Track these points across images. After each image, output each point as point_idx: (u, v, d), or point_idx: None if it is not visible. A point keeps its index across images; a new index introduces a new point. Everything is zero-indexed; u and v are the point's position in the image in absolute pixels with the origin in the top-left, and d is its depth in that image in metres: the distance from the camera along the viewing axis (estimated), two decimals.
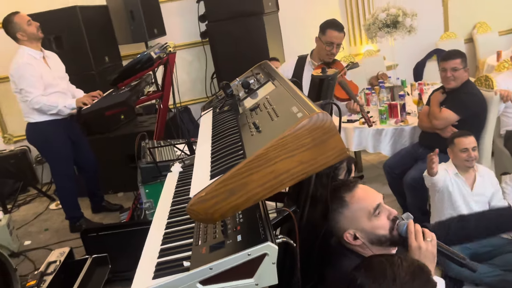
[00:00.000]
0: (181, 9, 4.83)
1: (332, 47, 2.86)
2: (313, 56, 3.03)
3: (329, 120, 0.94)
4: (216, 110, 1.61)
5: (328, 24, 2.89)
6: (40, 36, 3.31)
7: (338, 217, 1.40)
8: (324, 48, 2.88)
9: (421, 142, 3.21)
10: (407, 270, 1.14)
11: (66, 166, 3.48)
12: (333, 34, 2.84)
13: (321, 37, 2.91)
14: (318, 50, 2.98)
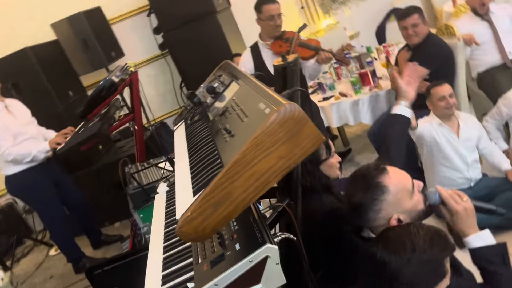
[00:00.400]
0: (134, 26, 4.74)
1: (274, 19, 2.86)
2: (263, 38, 3.02)
3: (298, 110, 0.91)
4: (187, 122, 1.57)
5: (261, 2, 2.89)
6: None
7: (380, 206, 1.32)
8: (269, 25, 2.88)
9: None
10: (425, 237, 1.14)
11: (54, 210, 3.41)
12: (269, 8, 2.85)
13: (260, 17, 2.91)
14: (264, 29, 2.97)
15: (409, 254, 1.11)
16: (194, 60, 4.20)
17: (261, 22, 2.93)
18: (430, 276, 1.12)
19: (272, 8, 2.85)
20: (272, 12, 2.85)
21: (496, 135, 2.82)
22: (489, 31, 3.15)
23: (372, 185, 1.31)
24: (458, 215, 1.33)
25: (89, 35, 4.06)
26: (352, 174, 1.41)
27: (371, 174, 1.33)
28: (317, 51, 2.81)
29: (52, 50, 4.23)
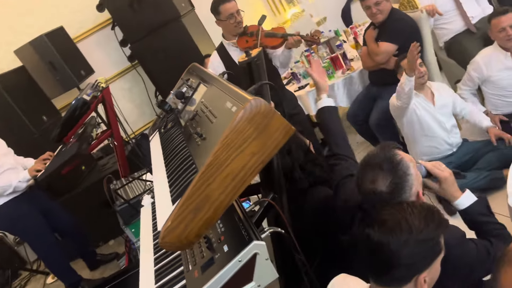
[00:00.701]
0: (100, 41, 4.67)
1: (234, 17, 2.83)
2: (227, 37, 2.98)
3: (264, 104, 0.91)
4: (161, 130, 1.56)
5: (217, 3, 2.84)
6: None
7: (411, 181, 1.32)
8: (229, 23, 2.84)
9: (372, 81, 3.24)
10: (419, 216, 1.14)
11: (44, 238, 3.35)
12: (226, 6, 2.81)
13: (219, 18, 2.87)
14: (225, 29, 2.93)
15: (406, 234, 1.11)
16: (165, 67, 4.16)
17: (221, 22, 2.89)
18: (428, 254, 1.13)
19: (229, 7, 2.81)
20: (231, 10, 2.81)
21: (473, 100, 2.86)
22: (451, 0, 3.19)
23: (399, 164, 1.31)
24: (446, 180, 1.43)
25: (55, 56, 3.98)
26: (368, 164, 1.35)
27: (391, 155, 1.33)
28: (285, 37, 2.79)
29: (19, 77, 4.14)
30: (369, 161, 1.35)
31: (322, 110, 1.78)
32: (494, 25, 2.56)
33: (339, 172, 1.64)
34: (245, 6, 3.05)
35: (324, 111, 1.78)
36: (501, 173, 2.48)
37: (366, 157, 1.38)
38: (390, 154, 1.33)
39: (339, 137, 1.73)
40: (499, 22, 2.52)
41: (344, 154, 1.68)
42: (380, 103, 3.04)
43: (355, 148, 3.76)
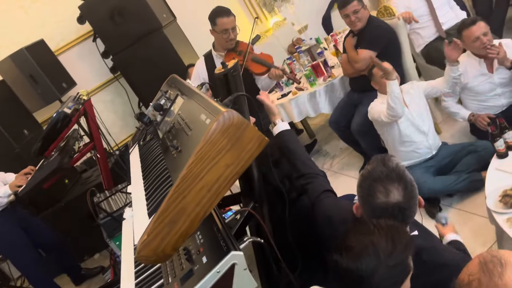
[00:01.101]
0: (81, 54, 4.65)
1: (228, 33, 2.84)
2: (216, 48, 3.00)
3: (236, 115, 0.92)
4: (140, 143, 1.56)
5: (216, 13, 2.84)
6: None
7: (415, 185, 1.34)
8: (222, 37, 2.86)
9: (353, 88, 3.29)
10: (386, 237, 1.12)
11: (25, 254, 3.29)
12: (223, 21, 2.80)
13: (214, 29, 2.87)
14: (217, 41, 2.95)
15: (374, 260, 1.09)
16: (148, 78, 4.15)
17: (215, 33, 2.91)
18: (398, 278, 1.12)
19: (226, 22, 2.81)
20: (226, 26, 2.81)
21: (457, 108, 2.88)
22: (425, 5, 3.26)
23: (404, 171, 1.30)
24: None
25: (35, 69, 3.95)
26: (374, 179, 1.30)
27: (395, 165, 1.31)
28: (269, 67, 2.81)
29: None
30: (374, 176, 1.31)
31: (281, 134, 1.77)
32: (466, 36, 2.58)
33: (312, 190, 1.63)
34: None
35: (283, 135, 1.77)
36: (480, 175, 2.53)
37: (368, 174, 1.34)
38: (393, 164, 1.32)
39: (303, 156, 1.74)
40: (471, 33, 2.55)
41: (313, 172, 1.68)
42: (361, 109, 3.08)
43: (339, 154, 3.80)
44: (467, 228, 2.38)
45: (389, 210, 1.28)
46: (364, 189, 1.32)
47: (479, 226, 2.33)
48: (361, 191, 1.34)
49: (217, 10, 2.87)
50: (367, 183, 1.32)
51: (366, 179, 1.33)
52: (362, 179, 1.35)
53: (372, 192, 1.29)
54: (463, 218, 2.47)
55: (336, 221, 1.49)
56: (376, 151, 3.21)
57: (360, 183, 1.35)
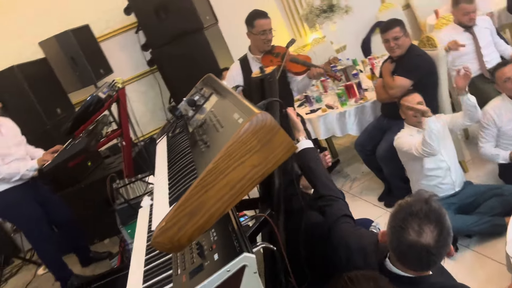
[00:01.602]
0: (122, 43, 4.78)
1: (266, 34, 2.92)
2: (253, 51, 3.06)
3: (269, 118, 0.93)
4: (169, 135, 1.59)
5: (253, 16, 2.94)
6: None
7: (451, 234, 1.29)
8: (260, 39, 2.93)
9: (383, 113, 3.26)
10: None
11: (39, 228, 3.36)
12: (261, 22, 2.90)
13: (252, 31, 2.95)
14: (254, 43, 3.02)
15: None
16: (182, 75, 4.22)
17: (252, 36, 2.98)
18: None
19: (264, 23, 2.90)
20: (264, 27, 2.90)
21: (496, 150, 2.79)
22: (471, 42, 3.23)
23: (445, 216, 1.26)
24: None
25: (77, 52, 4.07)
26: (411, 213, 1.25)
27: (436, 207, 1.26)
28: (309, 66, 2.88)
29: (40, 68, 4.23)
30: (412, 210, 1.26)
31: (303, 152, 1.72)
32: (498, 77, 2.60)
33: (331, 213, 1.59)
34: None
35: (306, 152, 1.72)
36: (503, 220, 2.46)
37: (406, 206, 1.28)
38: (436, 205, 1.27)
39: (324, 177, 1.68)
40: (502, 73, 2.57)
41: (333, 195, 1.64)
42: (389, 136, 3.05)
43: (359, 178, 3.76)
44: (482, 272, 2.31)
45: (417, 249, 1.23)
46: (398, 220, 1.27)
47: (494, 272, 2.26)
48: (393, 221, 1.29)
49: (254, 12, 2.97)
50: (402, 214, 1.26)
51: (403, 211, 1.27)
52: (398, 209, 1.29)
53: (405, 226, 1.24)
54: (479, 262, 2.40)
55: (354, 248, 1.46)
56: (398, 180, 3.17)
57: (395, 212, 1.29)
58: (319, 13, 3.93)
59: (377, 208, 3.27)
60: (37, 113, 3.94)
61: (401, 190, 3.13)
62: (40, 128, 3.96)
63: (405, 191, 3.09)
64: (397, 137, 2.80)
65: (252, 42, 3.04)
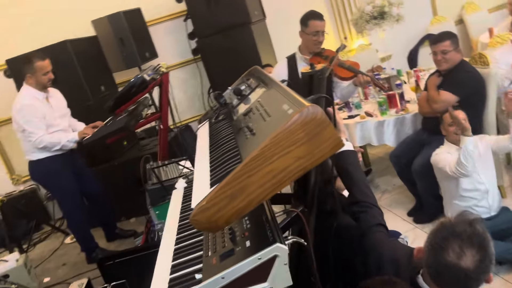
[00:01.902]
0: (170, 29, 4.88)
1: (318, 35, 2.93)
2: (302, 51, 3.07)
3: (320, 112, 0.93)
4: (212, 121, 1.61)
5: (308, 16, 2.95)
6: (47, 86, 3.35)
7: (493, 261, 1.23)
8: (312, 39, 2.94)
9: (424, 127, 3.19)
10: None
11: (73, 198, 3.49)
12: (316, 23, 2.92)
13: (305, 30, 2.96)
14: (305, 43, 3.02)
15: None
16: (225, 67, 4.27)
17: (304, 35, 2.99)
18: None
19: (318, 24, 2.92)
20: (317, 28, 2.92)
21: None
22: None
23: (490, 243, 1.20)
24: None
25: (126, 34, 4.19)
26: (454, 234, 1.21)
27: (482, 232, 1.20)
28: (356, 73, 2.88)
29: (90, 45, 4.38)
30: (455, 231, 1.21)
31: (343, 154, 1.65)
32: None
33: (365, 220, 1.55)
34: None
35: (345, 155, 1.65)
36: None
37: (449, 225, 1.23)
38: (481, 229, 1.21)
39: (361, 183, 1.63)
40: None
41: (368, 202, 1.59)
42: (428, 150, 2.97)
43: (390, 190, 3.70)
44: None
45: (454, 272, 1.19)
46: (438, 238, 1.22)
47: None
48: (433, 239, 1.24)
49: (310, 13, 2.99)
50: (444, 233, 1.22)
51: (445, 230, 1.23)
52: (440, 227, 1.25)
53: (445, 246, 1.19)
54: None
55: (387, 259, 1.43)
56: (431, 197, 3.09)
57: (436, 230, 1.25)
58: (369, 19, 3.88)
59: (405, 222, 3.20)
60: (82, 88, 4.08)
61: (433, 207, 3.06)
62: (83, 103, 4.10)
63: (437, 209, 3.03)
64: (435, 153, 2.74)
65: (303, 42, 3.05)
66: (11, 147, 4.84)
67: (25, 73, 3.28)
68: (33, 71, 3.25)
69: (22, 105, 3.22)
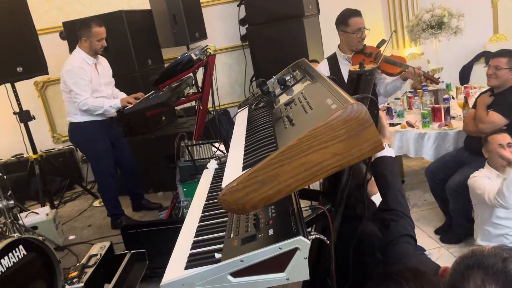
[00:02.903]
0: (222, 13, 4.91)
1: (361, 32, 2.85)
2: (343, 50, 2.99)
3: (364, 111, 0.92)
4: (251, 107, 1.61)
5: (347, 15, 2.87)
6: (99, 52, 3.47)
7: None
8: (355, 37, 2.86)
9: (466, 146, 3.08)
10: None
11: (107, 164, 3.58)
12: (357, 20, 2.84)
13: (346, 29, 2.88)
14: (346, 42, 2.94)
15: None
16: (271, 58, 4.26)
17: (345, 34, 2.91)
18: None
19: (359, 21, 2.85)
20: (360, 25, 2.85)
21: None
22: None
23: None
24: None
25: (180, 12, 4.25)
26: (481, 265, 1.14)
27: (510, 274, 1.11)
28: (405, 68, 2.79)
29: (143, 18, 4.48)
30: (483, 263, 1.13)
31: (383, 159, 1.60)
32: None
33: (395, 229, 1.51)
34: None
35: (385, 160, 1.60)
36: None
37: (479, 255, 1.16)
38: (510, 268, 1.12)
39: (397, 191, 1.58)
40: None
41: (401, 211, 1.55)
42: (466, 170, 2.87)
43: (420, 205, 3.60)
44: None
45: None
46: (463, 265, 1.15)
47: None
48: (458, 264, 1.17)
49: (348, 11, 2.90)
50: (471, 262, 1.14)
51: (473, 258, 1.15)
52: (469, 255, 1.17)
53: (467, 275, 1.12)
54: None
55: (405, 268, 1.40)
56: (462, 218, 2.99)
57: (465, 257, 1.18)
58: (425, 28, 3.76)
59: (431, 240, 3.12)
60: (131, 59, 4.18)
61: (463, 228, 2.97)
62: (129, 73, 4.21)
63: (467, 231, 2.93)
64: (474, 175, 2.64)
65: (344, 41, 2.96)
66: (55, 107, 5.05)
67: (81, 36, 3.40)
68: (89, 36, 3.36)
69: (72, 67, 3.33)
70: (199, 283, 1.06)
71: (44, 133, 5.03)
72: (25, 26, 3.84)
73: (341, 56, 2.99)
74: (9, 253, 2.36)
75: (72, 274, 2.43)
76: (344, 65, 2.96)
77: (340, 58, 3.00)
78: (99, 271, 2.56)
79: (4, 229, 2.88)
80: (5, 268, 2.31)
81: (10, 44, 3.77)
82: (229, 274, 1.05)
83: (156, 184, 4.40)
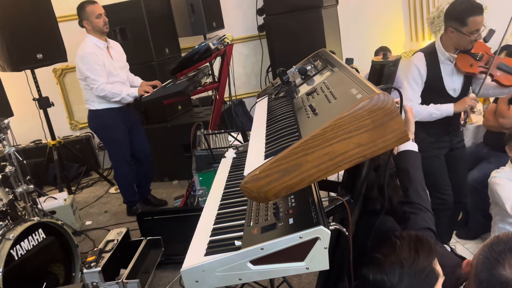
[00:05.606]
0: (240, 3, 4.88)
1: (478, 33, 2.35)
2: (446, 48, 2.46)
3: (391, 101, 0.90)
4: (271, 96, 1.61)
5: (467, 12, 2.30)
6: (105, 30, 3.45)
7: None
8: (469, 40, 2.35)
9: (485, 141, 3.03)
10: (408, 247, 1.17)
11: (123, 151, 3.60)
12: (477, 20, 2.29)
13: (460, 29, 2.33)
14: (456, 41, 2.40)
15: (398, 269, 1.15)
16: (288, 49, 4.23)
17: (457, 34, 2.36)
18: (425, 284, 1.15)
19: (480, 21, 2.31)
20: (479, 26, 2.33)
21: None
22: None
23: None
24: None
25: (197, 1, 4.24)
26: None
27: None
28: None
29: (161, 7, 4.48)
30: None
31: (405, 153, 1.59)
32: None
33: (415, 222, 1.51)
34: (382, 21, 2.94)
35: (407, 154, 1.59)
36: None
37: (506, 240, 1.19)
38: None
39: (419, 185, 1.57)
40: None
41: (423, 205, 1.55)
42: (485, 166, 2.84)
43: None
44: None
45: (508, 286, 1.14)
46: (494, 252, 1.17)
47: None
48: (488, 252, 1.19)
49: (468, 6, 2.31)
50: (501, 247, 1.17)
51: (502, 243, 1.18)
52: (496, 241, 1.20)
53: (502, 260, 1.15)
54: None
55: None
56: (480, 215, 2.95)
57: (492, 243, 1.20)
58: None
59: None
60: (148, 47, 4.20)
61: (479, 225, 2.94)
62: (146, 61, 4.23)
63: (483, 227, 2.89)
64: (495, 176, 2.56)
65: (452, 39, 2.41)
66: (73, 94, 5.10)
67: (82, 21, 3.42)
68: (87, 16, 3.38)
69: (84, 53, 3.35)
70: (219, 269, 1.07)
71: (62, 120, 5.09)
72: (45, 13, 3.88)
73: (444, 54, 2.46)
74: (29, 236, 2.42)
75: (90, 258, 2.47)
76: (446, 65, 2.48)
77: (441, 55, 2.47)
78: (115, 256, 2.60)
79: (24, 213, 2.94)
80: (25, 251, 2.37)
81: (31, 31, 3.81)
82: (249, 262, 1.05)
83: (172, 172, 4.43)
